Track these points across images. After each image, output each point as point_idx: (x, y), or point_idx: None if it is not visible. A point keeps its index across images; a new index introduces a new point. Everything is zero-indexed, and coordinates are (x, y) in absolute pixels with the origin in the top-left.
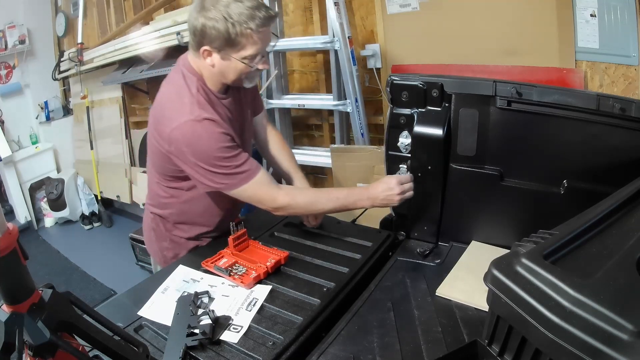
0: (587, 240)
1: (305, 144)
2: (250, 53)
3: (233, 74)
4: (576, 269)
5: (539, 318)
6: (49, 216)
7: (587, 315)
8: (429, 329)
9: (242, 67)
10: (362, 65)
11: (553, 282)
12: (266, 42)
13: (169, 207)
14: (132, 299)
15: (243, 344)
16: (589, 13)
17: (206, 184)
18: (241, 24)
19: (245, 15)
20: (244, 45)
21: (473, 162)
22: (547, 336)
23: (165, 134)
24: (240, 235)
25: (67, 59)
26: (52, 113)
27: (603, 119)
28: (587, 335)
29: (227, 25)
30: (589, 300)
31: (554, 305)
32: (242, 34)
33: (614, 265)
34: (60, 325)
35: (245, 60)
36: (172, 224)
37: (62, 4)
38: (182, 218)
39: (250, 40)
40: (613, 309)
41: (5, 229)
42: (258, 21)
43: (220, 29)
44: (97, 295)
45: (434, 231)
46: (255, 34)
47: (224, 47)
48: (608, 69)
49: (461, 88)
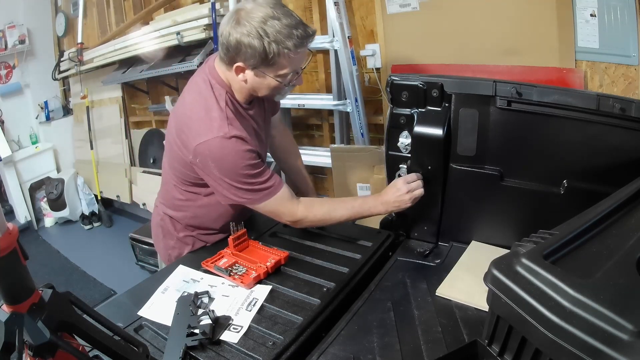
0: (587, 240)
1: (305, 143)
2: (286, 72)
3: (266, 90)
4: (576, 269)
5: (539, 318)
6: (48, 216)
7: (587, 315)
8: (429, 329)
9: (275, 84)
10: (362, 65)
11: (553, 282)
12: (302, 61)
13: (184, 210)
14: (132, 299)
15: (243, 344)
16: (589, 13)
17: (229, 197)
18: (278, 43)
19: (283, 35)
20: (281, 65)
21: (473, 162)
22: (547, 336)
23: (190, 147)
24: (240, 236)
25: (67, 59)
26: (52, 113)
27: (603, 119)
28: (587, 335)
29: (264, 44)
30: (588, 300)
31: (554, 305)
32: (280, 53)
33: (614, 265)
34: (60, 325)
35: (279, 78)
36: (183, 226)
37: (62, 4)
38: (195, 222)
39: (286, 60)
40: (613, 309)
41: (6, 229)
42: (296, 41)
43: (257, 47)
44: (97, 295)
45: (434, 231)
46: (292, 54)
47: (259, 66)
48: (608, 68)
49: (461, 88)
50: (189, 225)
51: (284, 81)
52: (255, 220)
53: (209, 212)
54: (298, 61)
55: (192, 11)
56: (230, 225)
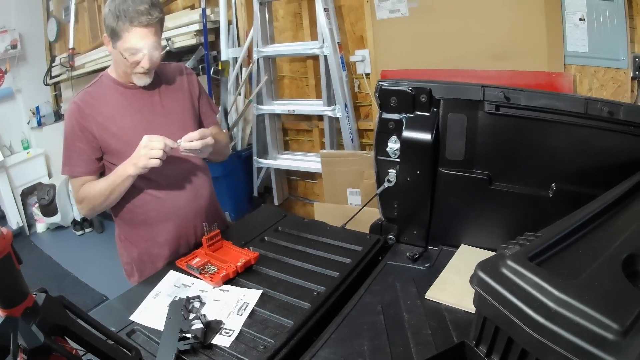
0: (573, 242)
1: (295, 149)
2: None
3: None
4: (562, 271)
5: (525, 318)
6: (40, 222)
7: (572, 315)
8: (418, 332)
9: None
10: (352, 71)
11: (538, 283)
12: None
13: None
14: (123, 303)
15: (234, 347)
16: (578, 17)
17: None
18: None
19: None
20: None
21: (462, 167)
22: (533, 336)
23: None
24: (213, 236)
25: (58, 64)
26: (44, 118)
27: (591, 122)
28: (573, 335)
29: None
30: (573, 301)
31: (539, 306)
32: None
33: (600, 266)
34: (54, 328)
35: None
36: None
37: (54, 9)
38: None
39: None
40: (598, 308)
41: (0, 233)
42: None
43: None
44: (88, 300)
45: (424, 235)
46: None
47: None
48: (597, 72)
49: (449, 93)
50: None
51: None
52: (245, 225)
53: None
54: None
55: (182, 17)
56: (204, 225)
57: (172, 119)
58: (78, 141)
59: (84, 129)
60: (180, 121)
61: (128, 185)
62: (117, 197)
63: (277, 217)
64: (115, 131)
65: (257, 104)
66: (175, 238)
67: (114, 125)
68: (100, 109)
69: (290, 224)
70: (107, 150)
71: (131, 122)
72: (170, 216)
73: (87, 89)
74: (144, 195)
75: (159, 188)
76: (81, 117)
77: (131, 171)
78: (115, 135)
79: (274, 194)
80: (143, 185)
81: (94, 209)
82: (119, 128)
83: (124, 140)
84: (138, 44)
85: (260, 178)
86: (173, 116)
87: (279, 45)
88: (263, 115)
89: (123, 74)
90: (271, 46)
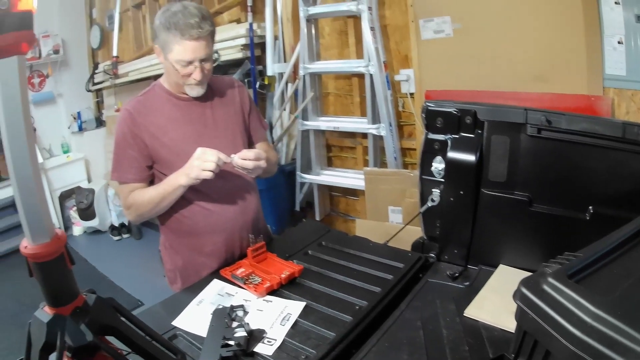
0: (609, 262)
1: (339, 165)
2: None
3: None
4: (598, 288)
5: (563, 332)
6: (77, 225)
7: (605, 330)
8: (456, 347)
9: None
10: (396, 90)
11: (576, 299)
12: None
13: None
14: (166, 309)
15: (277, 356)
16: (617, 40)
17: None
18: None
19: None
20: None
21: (503, 188)
22: (570, 349)
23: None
24: (258, 247)
25: (101, 71)
26: (85, 124)
27: (628, 146)
28: (606, 348)
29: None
30: (607, 316)
31: (577, 321)
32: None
33: (633, 285)
34: (102, 328)
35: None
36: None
37: (97, 17)
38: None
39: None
40: (630, 323)
41: (54, 233)
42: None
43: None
44: (124, 304)
45: (464, 254)
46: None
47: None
48: (634, 95)
49: (493, 115)
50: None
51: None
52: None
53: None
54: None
55: (229, 31)
56: (250, 237)
57: (223, 132)
58: (129, 148)
59: (135, 137)
60: (231, 135)
61: (179, 195)
62: (167, 206)
63: (320, 232)
64: (167, 141)
65: (303, 119)
66: (221, 249)
67: (165, 135)
68: (152, 119)
69: (334, 239)
70: (157, 159)
71: (182, 134)
72: (217, 228)
73: (139, 98)
74: (193, 206)
75: (209, 200)
76: (133, 124)
77: (183, 181)
78: (166, 145)
79: (316, 209)
80: (193, 197)
81: (142, 216)
82: (170, 139)
83: (174, 151)
84: (189, 57)
85: (302, 193)
86: (223, 129)
87: (324, 63)
88: (308, 131)
89: (175, 84)
90: (317, 63)
